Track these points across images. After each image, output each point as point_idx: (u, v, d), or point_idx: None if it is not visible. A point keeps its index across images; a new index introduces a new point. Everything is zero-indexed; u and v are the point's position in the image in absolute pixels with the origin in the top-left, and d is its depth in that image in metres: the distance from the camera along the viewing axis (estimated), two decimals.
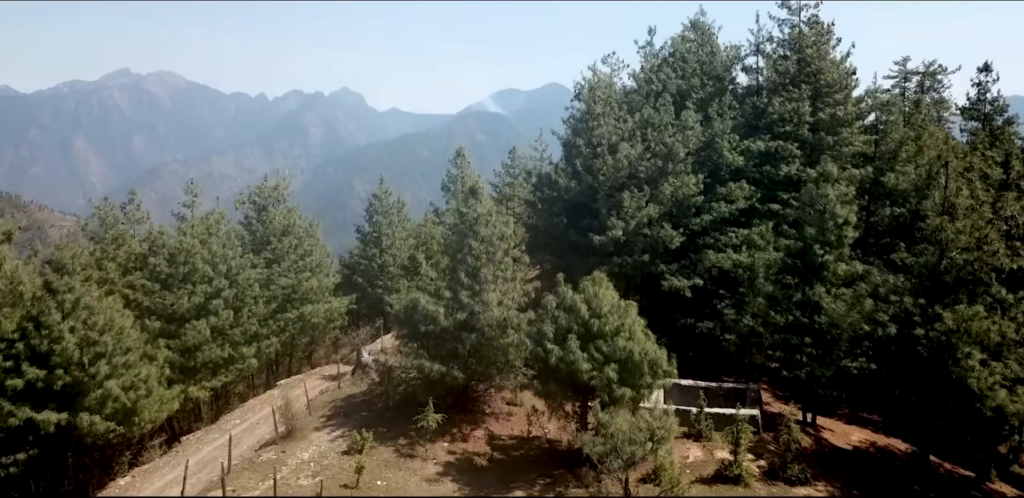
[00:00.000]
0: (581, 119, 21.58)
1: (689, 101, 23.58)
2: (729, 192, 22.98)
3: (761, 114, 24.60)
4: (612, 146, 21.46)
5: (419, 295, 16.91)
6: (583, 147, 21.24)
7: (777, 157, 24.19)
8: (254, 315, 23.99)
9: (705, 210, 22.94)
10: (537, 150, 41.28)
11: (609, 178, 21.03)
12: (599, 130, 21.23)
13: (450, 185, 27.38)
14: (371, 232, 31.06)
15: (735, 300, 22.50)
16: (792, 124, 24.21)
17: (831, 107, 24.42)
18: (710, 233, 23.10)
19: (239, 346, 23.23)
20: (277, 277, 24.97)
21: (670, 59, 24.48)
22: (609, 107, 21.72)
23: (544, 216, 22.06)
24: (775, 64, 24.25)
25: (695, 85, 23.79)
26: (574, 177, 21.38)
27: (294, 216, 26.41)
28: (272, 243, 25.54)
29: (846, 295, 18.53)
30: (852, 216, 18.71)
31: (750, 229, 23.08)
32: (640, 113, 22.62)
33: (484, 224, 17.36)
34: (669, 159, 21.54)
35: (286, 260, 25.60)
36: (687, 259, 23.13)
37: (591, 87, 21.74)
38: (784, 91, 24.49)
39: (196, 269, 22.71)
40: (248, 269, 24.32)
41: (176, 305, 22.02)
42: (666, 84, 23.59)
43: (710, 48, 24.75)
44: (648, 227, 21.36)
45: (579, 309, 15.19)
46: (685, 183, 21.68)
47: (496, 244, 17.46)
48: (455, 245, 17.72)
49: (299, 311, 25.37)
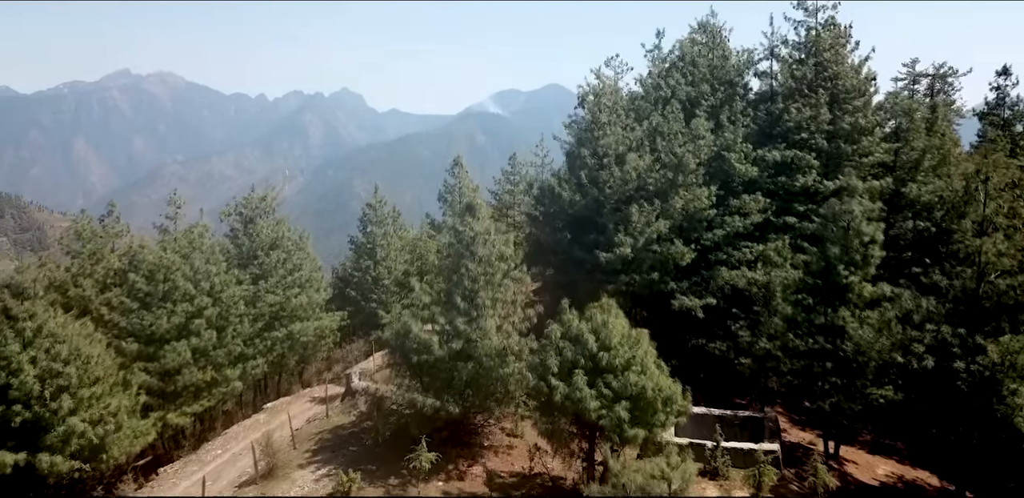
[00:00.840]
0: (586, 128, 20.23)
1: (699, 108, 22.24)
2: (742, 205, 21.64)
3: (776, 121, 23.25)
4: (619, 157, 20.12)
5: (411, 322, 15.55)
6: (588, 158, 19.90)
7: (792, 167, 22.84)
8: (239, 335, 22.64)
9: (717, 224, 21.61)
10: (538, 155, 39.95)
11: (616, 191, 19.69)
12: (605, 140, 19.88)
13: (447, 196, 26.06)
14: (365, 243, 29.72)
15: (749, 320, 21.16)
16: (808, 132, 22.86)
17: (850, 114, 23.07)
18: (722, 248, 21.77)
19: (223, 368, 21.88)
20: (264, 294, 23.62)
21: (679, 64, 23.12)
22: (616, 115, 20.37)
23: (546, 231, 20.71)
24: (791, 69, 22.89)
25: (705, 91, 22.43)
26: (578, 190, 20.03)
27: (283, 228, 25.06)
28: (259, 257, 24.20)
29: (872, 318, 17.19)
30: (879, 234, 17.35)
31: (765, 244, 21.73)
32: (648, 121, 21.27)
33: (482, 244, 16.01)
34: (679, 171, 20.19)
35: (274, 275, 24.25)
36: (698, 276, 21.80)
37: (596, 94, 20.40)
38: (801, 97, 23.14)
39: (177, 287, 21.36)
40: (233, 286, 22.97)
41: (155, 326, 20.66)
42: (675, 90, 22.24)
43: (721, 51, 23.39)
44: (657, 243, 20.00)
45: (586, 341, 13.83)
46: (696, 196, 20.33)
47: (495, 265, 16.11)
48: (450, 266, 16.36)
49: (287, 329, 24.02)
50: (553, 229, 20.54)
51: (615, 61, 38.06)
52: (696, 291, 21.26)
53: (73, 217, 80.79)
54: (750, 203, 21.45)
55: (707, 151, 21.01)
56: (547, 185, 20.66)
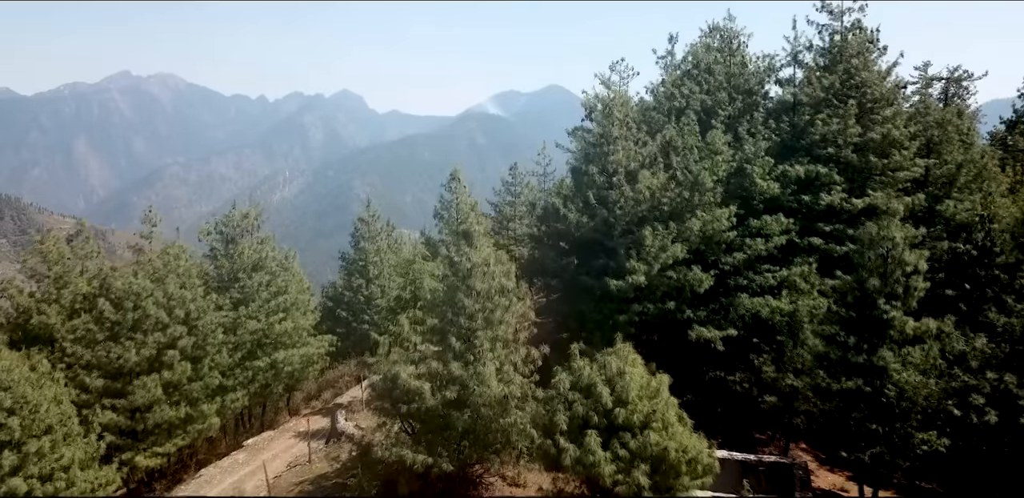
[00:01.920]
0: (594, 143, 18.42)
1: (716, 119, 20.43)
2: (763, 225, 19.84)
3: (800, 134, 21.45)
4: (630, 174, 18.33)
5: (400, 367, 13.76)
6: (596, 175, 18.10)
7: (817, 183, 21.06)
8: (217, 366, 20.86)
9: (737, 246, 19.81)
10: (540, 164, 38.19)
11: (628, 212, 17.89)
12: (615, 156, 18.09)
13: (443, 212, 24.28)
14: (357, 260, 27.93)
15: (773, 352, 19.37)
16: (836, 146, 21.07)
17: (880, 125, 21.29)
18: (743, 273, 19.96)
19: (198, 403, 20.11)
20: (245, 320, 21.83)
21: (694, 71, 21.31)
22: (627, 128, 18.58)
23: (551, 255, 18.90)
24: (818, 77, 21.09)
25: (723, 100, 20.63)
26: (585, 211, 18.23)
27: (267, 248, 23.27)
28: (241, 280, 22.40)
29: (914, 355, 15.40)
30: (922, 262, 15.55)
31: (789, 268, 19.97)
32: (661, 134, 19.47)
33: (480, 276, 14.22)
34: (695, 189, 18.39)
35: (256, 299, 22.47)
36: (716, 302, 19.99)
37: (606, 105, 18.60)
38: (827, 107, 21.36)
39: (148, 315, 19.60)
40: (211, 312, 21.18)
41: (123, 359, 18.89)
42: (689, 100, 20.44)
43: (740, 58, 21.60)
44: (672, 269, 18.21)
45: (600, 394, 12.04)
46: (715, 217, 18.54)
47: (495, 300, 14.32)
48: (444, 300, 14.57)
49: (271, 358, 22.23)
50: (558, 253, 18.73)
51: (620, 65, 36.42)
52: (715, 320, 19.46)
53: (74, 218, 77.23)
54: (772, 224, 19.65)
55: (725, 167, 19.22)
56: (551, 205, 18.85)
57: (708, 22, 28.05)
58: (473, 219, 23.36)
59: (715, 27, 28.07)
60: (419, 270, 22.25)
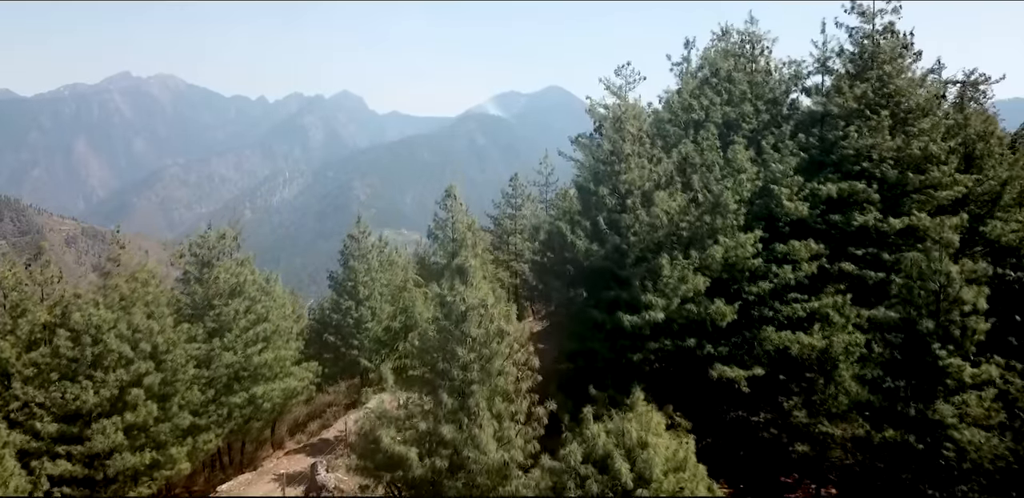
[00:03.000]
0: (604, 160, 16.48)
1: (738, 133, 18.50)
2: (791, 251, 17.90)
3: (830, 148, 19.51)
4: (645, 195, 16.40)
5: (382, 431, 11.83)
6: (607, 197, 16.16)
7: (850, 202, 19.12)
8: (187, 404, 18.96)
9: (761, 273, 17.87)
10: (542, 173, 36.30)
11: (642, 239, 15.96)
12: (628, 175, 16.15)
13: (438, 232, 22.30)
14: (346, 280, 26.00)
15: (803, 392, 17.46)
16: (870, 161, 19.14)
17: (916, 138, 19.35)
18: (768, 302, 18.02)
19: (166, 446, 18.21)
20: (220, 352, 19.92)
21: (712, 80, 19.37)
22: (640, 144, 16.65)
23: (556, 285, 16.97)
24: (850, 85, 19.15)
25: (747, 112, 18.70)
26: (595, 237, 16.29)
27: (246, 271, 21.34)
28: (216, 307, 20.49)
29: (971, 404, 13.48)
30: (982, 300, 13.63)
31: (819, 298, 18.04)
32: (678, 150, 17.54)
33: (476, 321, 12.30)
34: (717, 212, 16.46)
35: (234, 328, 20.54)
36: (739, 335, 18.06)
37: (616, 118, 16.66)
38: (859, 118, 19.42)
39: (109, 350, 17.71)
40: (182, 344, 19.29)
41: (80, 400, 17.01)
42: (709, 112, 18.51)
43: (764, 64, 19.68)
44: (692, 301, 16.28)
45: (618, 470, 10.10)
46: (739, 243, 16.62)
47: (493, 347, 12.40)
48: (436, 346, 12.65)
49: (249, 393, 20.31)
50: (564, 282, 16.80)
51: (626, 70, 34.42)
52: (737, 356, 17.53)
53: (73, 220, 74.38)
54: (800, 249, 17.71)
55: (750, 186, 17.29)
56: (555, 229, 16.91)
57: (721, 24, 26.16)
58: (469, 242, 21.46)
59: (727, 30, 26.13)
60: (410, 298, 20.32)
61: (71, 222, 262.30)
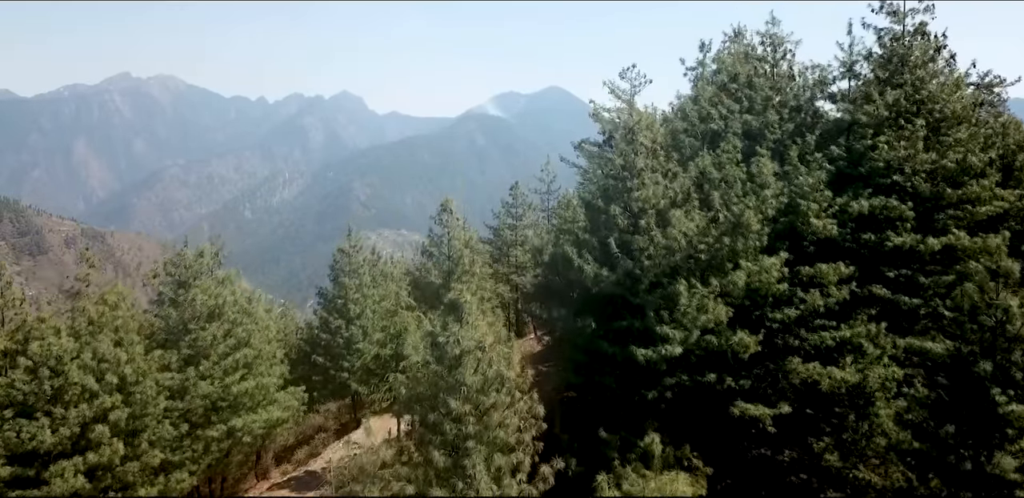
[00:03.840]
0: (615, 176, 14.88)
1: (761, 144, 16.90)
2: (819, 274, 16.31)
3: (858, 159, 17.91)
4: (660, 214, 14.80)
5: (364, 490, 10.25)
6: (619, 217, 14.56)
7: (881, 219, 17.54)
8: (158, 440, 17.36)
9: (785, 297, 16.28)
10: (544, 181, 34.73)
11: (657, 263, 14.36)
12: (641, 192, 14.56)
13: (433, 249, 20.68)
14: (335, 297, 24.39)
15: (835, 430, 15.89)
16: (903, 174, 17.55)
17: (953, 149, 17.78)
18: (794, 330, 16.45)
19: (134, 488, 16.63)
20: (196, 381, 18.33)
21: (731, 86, 17.78)
22: (654, 158, 15.05)
23: (561, 313, 15.36)
24: (880, 92, 17.57)
25: (771, 122, 17.10)
26: (604, 261, 14.70)
27: (226, 292, 19.74)
28: (192, 332, 18.90)
29: None
30: None
31: (850, 325, 16.45)
32: (695, 164, 15.95)
33: (472, 367, 10.72)
34: (739, 233, 14.88)
35: (212, 355, 18.95)
36: (762, 366, 16.48)
37: (628, 129, 15.07)
38: (891, 128, 17.84)
39: (71, 382, 16.12)
40: (153, 374, 17.70)
41: (37, 439, 15.43)
42: (729, 121, 16.92)
43: (788, 68, 18.09)
44: (713, 332, 14.70)
45: None
46: (764, 267, 15.03)
47: (492, 396, 10.82)
48: (426, 396, 11.07)
49: (227, 426, 18.72)
50: (570, 311, 15.19)
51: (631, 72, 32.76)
52: (760, 389, 15.95)
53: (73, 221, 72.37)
54: (829, 272, 16.12)
55: (775, 204, 15.70)
56: (561, 253, 15.32)
57: (733, 25, 24.61)
58: (467, 260, 19.90)
59: (740, 31, 24.60)
60: (401, 323, 18.78)
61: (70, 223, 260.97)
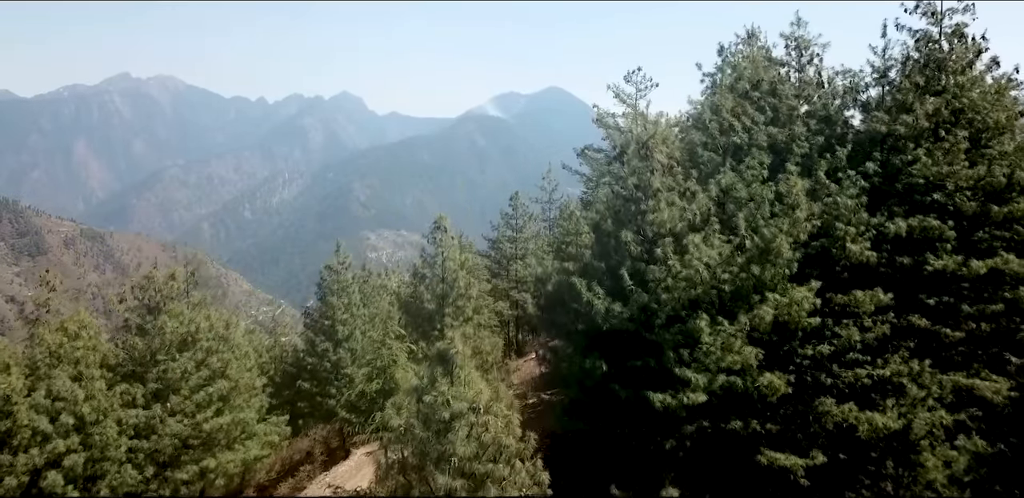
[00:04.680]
0: (628, 197, 13.19)
1: (789, 158, 15.20)
2: (854, 302, 14.63)
3: (894, 175, 16.22)
4: (678, 240, 13.12)
5: None
6: (631, 244, 12.87)
7: (919, 240, 15.85)
8: (121, 486, 15.72)
9: (815, 330, 14.60)
10: (545, 190, 33.09)
11: (676, 296, 12.69)
12: (657, 215, 12.88)
13: (425, 270, 18.91)
14: (322, 318, 22.74)
15: (875, 480, 14.20)
16: (944, 191, 15.86)
17: (997, 163, 16.08)
18: (826, 366, 14.76)
19: None
20: (164, 418, 16.67)
21: (754, 93, 16.08)
22: (671, 175, 13.38)
23: (567, 352, 13.66)
24: (919, 100, 15.88)
25: (798, 134, 15.41)
26: (616, 293, 13.02)
27: (199, 317, 18.08)
28: (161, 364, 17.24)
29: None
30: None
31: (886, 361, 14.76)
32: (716, 182, 14.25)
33: (464, 431, 9.04)
34: (767, 260, 13.20)
35: (182, 388, 17.30)
36: (790, 406, 14.80)
37: (642, 143, 13.38)
38: (927, 139, 16.15)
39: (20, 425, 14.50)
40: (116, 411, 16.07)
41: None
42: (753, 133, 15.22)
43: (816, 74, 16.39)
44: (739, 374, 13.02)
45: None
46: (794, 300, 13.35)
47: (488, 467, 9.14)
48: (410, 465, 9.39)
49: (199, 466, 17.06)
50: (577, 349, 13.51)
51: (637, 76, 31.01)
52: (790, 433, 14.27)
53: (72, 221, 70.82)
54: (865, 301, 14.44)
55: (809, 228, 14.01)
56: (566, 282, 13.63)
57: (746, 26, 22.95)
58: (462, 283, 18.21)
59: (754, 32, 22.96)
60: (389, 356, 17.13)
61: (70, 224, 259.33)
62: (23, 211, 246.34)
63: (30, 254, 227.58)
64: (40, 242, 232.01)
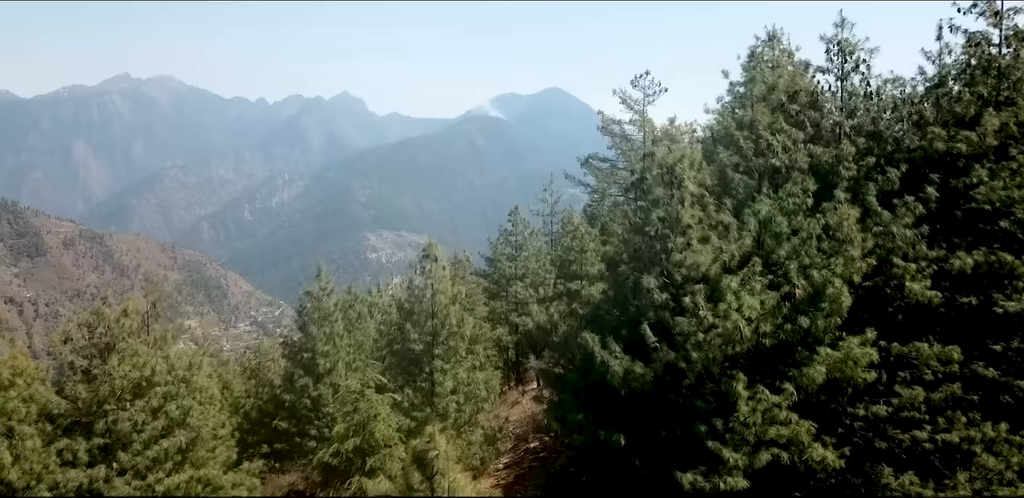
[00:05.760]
0: (654, 234, 10.96)
1: (837, 183, 12.96)
2: (913, 353, 12.44)
3: (953, 201, 14.01)
4: (711, 284, 10.90)
5: None
6: (655, 291, 10.65)
7: (985, 276, 13.64)
8: None
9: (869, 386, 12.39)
10: (547, 202, 30.91)
11: (710, 355, 10.47)
12: (687, 256, 10.66)
13: (411, 304, 16.49)
14: (302, 349, 20.55)
15: None
16: (1011, 219, 13.65)
17: None
18: (884, 430, 12.55)
19: None
20: (111, 479, 14.46)
21: (792, 107, 13.84)
22: (702, 206, 11.16)
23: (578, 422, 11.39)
24: (982, 113, 13.66)
25: (846, 154, 13.19)
26: (636, 350, 10.81)
27: (156, 358, 15.81)
28: (110, 414, 15.01)
29: None
30: None
31: (954, 422, 12.55)
32: (752, 213, 12.02)
33: None
34: (818, 309, 11.00)
35: (134, 442, 15.07)
36: (840, 475, 12.60)
37: (665, 168, 11.15)
38: (992, 160, 13.94)
39: None
40: (53, 474, 13.86)
41: None
42: (792, 154, 13.00)
43: (863, 84, 14.16)
44: (785, 447, 10.81)
45: None
46: (849, 354, 11.15)
47: None
48: None
49: None
50: (589, 416, 11.26)
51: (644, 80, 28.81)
52: None
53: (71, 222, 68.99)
54: (927, 353, 12.24)
55: (864, 267, 11.80)
56: (576, 340, 11.40)
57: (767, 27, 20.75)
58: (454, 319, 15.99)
59: (775, 34, 20.79)
60: (367, 411, 14.89)
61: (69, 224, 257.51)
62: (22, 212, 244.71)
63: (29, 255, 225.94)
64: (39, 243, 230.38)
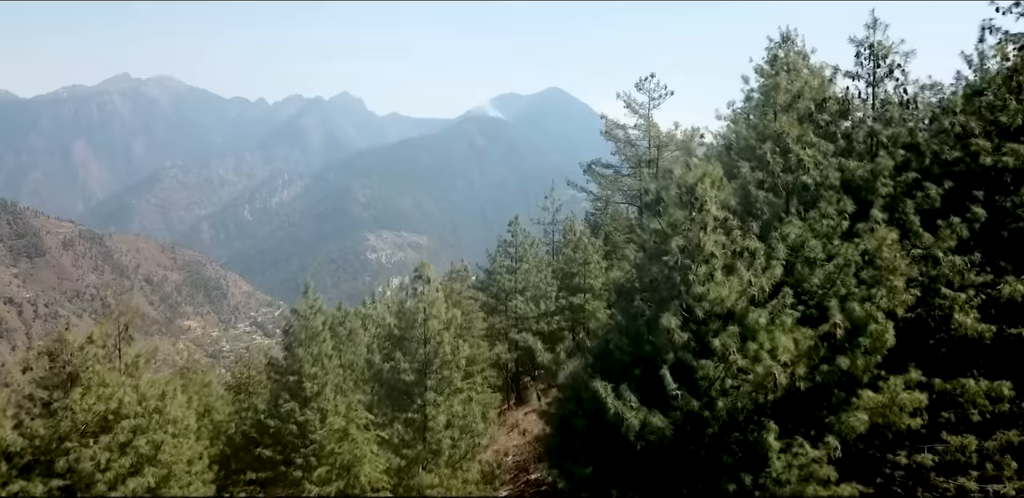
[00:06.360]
0: (674, 264, 9.64)
1: (874, 201, 11.62)
2: (963, 390, 11.13)
3: (1000, 221, 12.67)
4: (740, 320, 9.56)
5: None
6: (675, 331, 9.32)
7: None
8: None
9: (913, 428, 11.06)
10: (548, 210, 29.64)
11: (738, 404, 9.14)
12: (711, 289, 9.34)
13: (402, 331, 15.15)
14: (288, 372, 19.21)
15: None
16: None
17: None
18: (927, 478, 11.23)
19: None
20: None
21: (820, 117, 12.51)
22: (726, 232, 9.83)
23: (583, 478, 10.05)
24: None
25: (883, 169, 11.85)
26: (652, 398, 9.48)
27: (123, 389, 14.50)
28: (71, 452, 13.70)
29: None
30: None
31: (1003, 468, 11.23)
32: (780, 237, 10.68)
33: None
34: (855, 346, 9.67)
35: (98, 482, 13.75)
36: None
37: (685, 188, 9.83)
38: None
39: None
40: None
41: None
42: (824, 169, 11.67)
43: (899, 91, 12.81)
44: None
45: None
46: (894, 398, 9.82)
47: None
48: None
49: None
50: (599, 473, 9.93)
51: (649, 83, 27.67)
52: None
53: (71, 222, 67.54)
54: (976, 393, 10.92)
55: (910, 299, 10.47)
56: (582, 380, 10.08)
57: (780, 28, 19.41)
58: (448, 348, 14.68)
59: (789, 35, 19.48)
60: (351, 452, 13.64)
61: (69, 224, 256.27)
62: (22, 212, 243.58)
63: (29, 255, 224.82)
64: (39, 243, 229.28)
